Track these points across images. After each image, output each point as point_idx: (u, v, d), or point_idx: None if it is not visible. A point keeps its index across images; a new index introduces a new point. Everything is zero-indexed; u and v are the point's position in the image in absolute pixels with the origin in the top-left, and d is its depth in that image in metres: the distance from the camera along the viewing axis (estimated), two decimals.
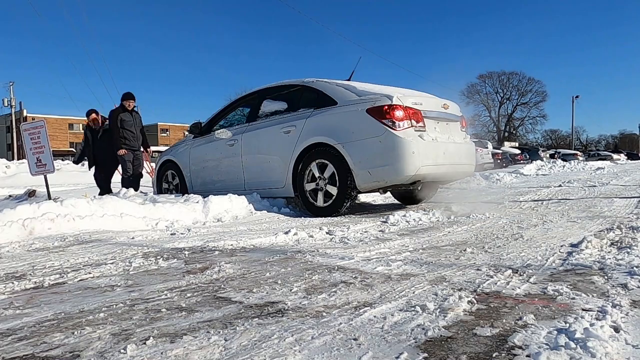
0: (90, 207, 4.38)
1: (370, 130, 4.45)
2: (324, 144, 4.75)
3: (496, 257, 2.56)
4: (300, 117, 5.06)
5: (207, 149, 6.03)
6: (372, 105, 4.50)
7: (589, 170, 14.46)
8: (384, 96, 4.54)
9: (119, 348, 1.41)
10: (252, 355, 1.34)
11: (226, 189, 5.65)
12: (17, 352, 1.42)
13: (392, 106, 4.43)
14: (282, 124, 5.21)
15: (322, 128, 4.78)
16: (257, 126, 5.58)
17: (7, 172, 17.63)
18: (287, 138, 5.05)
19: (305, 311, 1.72)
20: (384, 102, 4.47)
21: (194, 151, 6.21)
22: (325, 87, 5.04)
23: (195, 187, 6.22)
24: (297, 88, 5.37)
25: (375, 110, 4.46)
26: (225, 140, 5.80)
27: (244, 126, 5.77)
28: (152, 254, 2.92)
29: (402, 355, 1.30)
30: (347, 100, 4.76)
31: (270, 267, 2.48)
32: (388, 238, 3.34)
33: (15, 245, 3.32)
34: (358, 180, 4.57)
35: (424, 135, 4.54)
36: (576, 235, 3.14)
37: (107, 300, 1.94)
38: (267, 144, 5.37)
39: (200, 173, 6.14)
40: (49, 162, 5.72)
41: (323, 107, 4.91)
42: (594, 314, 1.59)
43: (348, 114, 4.66)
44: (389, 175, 4.46)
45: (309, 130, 4.87)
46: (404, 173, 4.39)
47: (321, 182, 4.87)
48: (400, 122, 4.40)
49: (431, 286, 2.00)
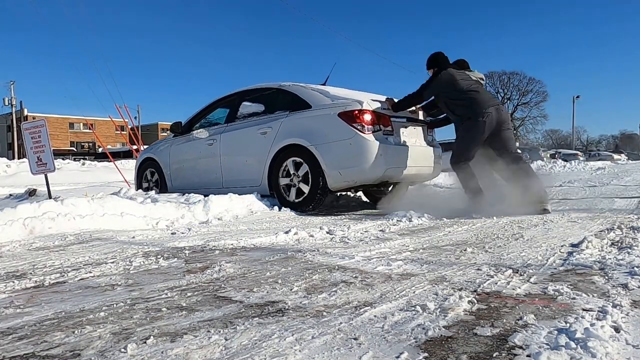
0: (91, 207, 4.38)
1: (341, 133, 4.66)
2: (298, 145, 4.94)
3: (497, 257, 2.56)
4: (276, 119, 5.25)
5: (187, 148, 6.18)
6: (344, 110, 4.71)
7: (589, 171, 14.45)
8: (354, 101, 4.75)
9: (120, 347, 1.41)
10: (253, 354, 1.34)
11: (205, 187, 5.78)
12: (18, 351, 1.42)
13: (362, 111, 4.64)
14: (259, 125, 5.39)
15: (296, 130, 4.99)
16: (235, 127, 5.75)
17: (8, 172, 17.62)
18: (263, 139, 5.25)
19: (305, 311, 1.72)
20: (354, 107, 4.68)
21: (174, 150, 6.35)
22: (301, 90, 5.26)
23: (174, 185, 6.31)
24: (274, 91, 5.57)
25: (346, 114, 4.68)
26: (205, 140, 5.94)
27: (223, 127, 5.93)
28: (152, 253, 2.92)
29: (403, 354, 1.31)
30: (320, 104, 4.97)
31: (270, 267, 2.48)
32: (388, 238, 3.34)
33: (16, 244, 3.33)
34: (329, 180, 4.77)
35: (391, 139, 4.77)
36: (577, 235, 3.14)
37: (107, 299, 1.94)
38: (244, 144, 5.56)
39: (179, 171, 6.27)
40: (50, 161, 5.72)
41: (298, 110, 5.13)
42: (594, 314, 1.59)
43: (321, 117, 4.87)
44: (357, 176, 4.67)
45: (284, 132, 5.08)
46: (372, 174, 4.61)
47: (295, 179, 5.09)
48: (368, 126, 4.62)
49: (431, 286, 2.00)
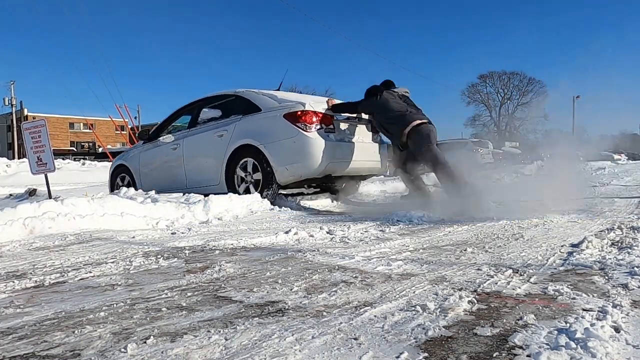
0: (91, 206, 4.38)
1: (286, 132, 5.11)
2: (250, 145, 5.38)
3: (497, 257, 2.56)
4: (231, 122, 5.74)
5: (155, 153, 6.70)
6: (288, 111, 5.17)
7: (589, 171, 14.44)
8: (298, 103, 5.20)
9: (120, 347, 1.41)
10: (253, 354, 1.34)
11: (171, 189, 6.08)
12: (18, 351, 1.42)
13: (305, 112, 5.09)
14: (217, 129, 5.86)
15: (248, 132, 5.45)
16: (196, 132, 6.22)
17: (8, 171, 17.63)
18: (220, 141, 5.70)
19: (305, 311, 1.72)
20: (297, 108, 5.13)
21: (143, 155, 6.86)
22: (253, 96, 5.73)
23: (144, 188, 6.73)
24: (231, 97, 6.01)
25: (290, 115, 5.13)
26: (170, 145, 6.46)
27: (186, 132, 6.44)
28: (152, 253, 2.92)
29: (403, 355, 1.31)
30: (269, 107, 5.43)
31: (270, 267, 2.48)
32: (388, 238, 3.34)
33: (16, 244, 3.33)
34: (278, 175, 5.21)
35: (332, 136, 5.20)
36: (577, 235, 3.14)
37: (107, 299, 1.94)
38: (204, 147, 6.00)
39: (148, 175, 6.77)
40: (50, 161, 5.73)
41: (250, 114, 5.58)
42: (594, 314, 1.59)
43: (269, 119, 5.33)
44: (302, 171, 5.09)
45: (238, 134, 5.53)
46: (315, 168, 5.03)
47: (248, 177, 5.54)
48: (311, 125, 5.06)
49: (432, 286, 2.00)
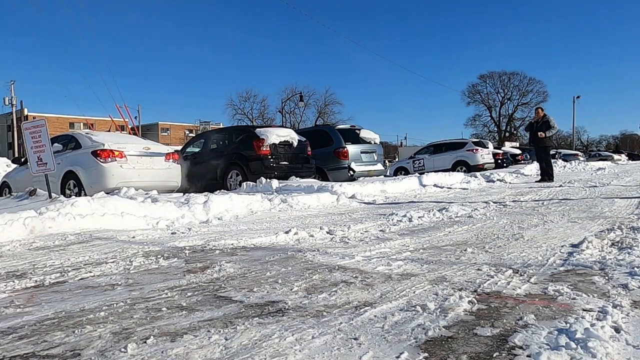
0: (91, 206, 4.39)
1: (92, 163, 7.49)
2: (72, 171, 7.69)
3: (497, 257, 2.56)
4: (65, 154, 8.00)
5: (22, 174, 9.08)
6: (94, 149, 7.53)
7: (589, 171, 14.46)
8: (100, 143, 7.56)
9: (120, 347, 1.41)
10: (253, 354, 1.34)
11: None
12: (18, 351, 1.42)
13: (103, 150, 7.50)
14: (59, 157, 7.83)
15: (72, 161, 7.79)
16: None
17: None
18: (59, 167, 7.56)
19: (305, 311, 1.72)
20: (98, 147, 7.48)
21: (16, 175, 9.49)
22: (79, 136, 8.22)
23: None
24: (70, 137, 8.45)
25: (94, 152, 7.52)
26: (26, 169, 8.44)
27: None
28: (152, 253, 2.92)
29: (403, 354, 1.31)
30: (87, 145, 7.77)
31: (270, 267, 2.48)
32: (388, 238, 3.34)
33: (16, 244, 3.33)
34: (87, 190, 7.35)
35: (123, 165, 7.54)
36: (577, 236, 3.14)
37: (107, 299, 1.94)
38: None
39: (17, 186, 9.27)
40: (50, 160, 5.77)
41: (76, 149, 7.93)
42: (594, 314, 1.59)
43: (83, 154, 7.69)
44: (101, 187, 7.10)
45: (67, 163, 7.80)
46: (108, 187, 7.20)
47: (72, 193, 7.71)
48: (106, 159, 7.45)
49: (432, 286, 2.00)
